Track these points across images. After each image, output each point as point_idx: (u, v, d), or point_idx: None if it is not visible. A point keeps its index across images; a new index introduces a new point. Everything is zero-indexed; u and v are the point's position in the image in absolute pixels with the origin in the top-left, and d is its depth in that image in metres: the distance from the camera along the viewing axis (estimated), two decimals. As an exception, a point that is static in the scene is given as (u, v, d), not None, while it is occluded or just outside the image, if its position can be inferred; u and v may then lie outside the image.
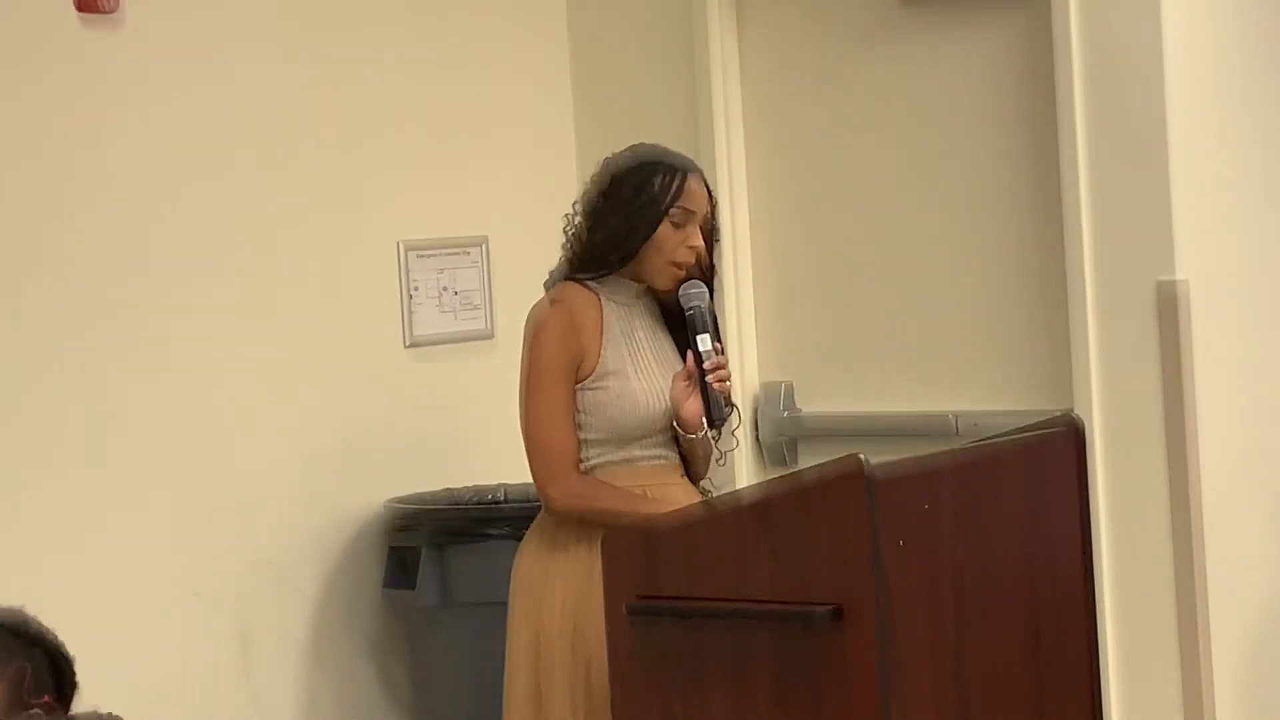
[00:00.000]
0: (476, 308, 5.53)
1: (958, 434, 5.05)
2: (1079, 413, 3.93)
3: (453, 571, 5.03)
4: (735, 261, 5.49)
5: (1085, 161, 4.80)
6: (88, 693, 2.94)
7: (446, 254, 5.48)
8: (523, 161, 5.63)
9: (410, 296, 5.39)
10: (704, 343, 4.12)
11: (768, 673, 3.39)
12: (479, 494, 5.32)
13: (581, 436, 4.13)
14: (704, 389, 4.10)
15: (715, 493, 4.20)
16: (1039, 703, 3.61)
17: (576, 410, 4.12)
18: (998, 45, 5.05)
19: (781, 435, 5.49)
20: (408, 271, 5.39)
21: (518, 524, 4.74)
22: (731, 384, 4.18)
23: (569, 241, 4.23)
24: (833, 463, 3.32)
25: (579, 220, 4.22)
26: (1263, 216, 4.96)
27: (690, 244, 4.16)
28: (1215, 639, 4.72)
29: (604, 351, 4.13)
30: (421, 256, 5.42)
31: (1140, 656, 4.78)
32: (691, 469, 4.24)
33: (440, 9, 5.50)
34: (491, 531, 4.97)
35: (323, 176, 5.22)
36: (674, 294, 4.18)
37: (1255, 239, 4.94)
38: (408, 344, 5.39)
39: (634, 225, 4.12)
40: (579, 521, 4.08)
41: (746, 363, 5.51)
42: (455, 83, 5.53)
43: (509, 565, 4.22)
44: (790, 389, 5.49)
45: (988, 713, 3.50)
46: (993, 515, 3.56)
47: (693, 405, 4.11)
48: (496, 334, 5.48)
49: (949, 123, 5.16)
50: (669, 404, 4.13)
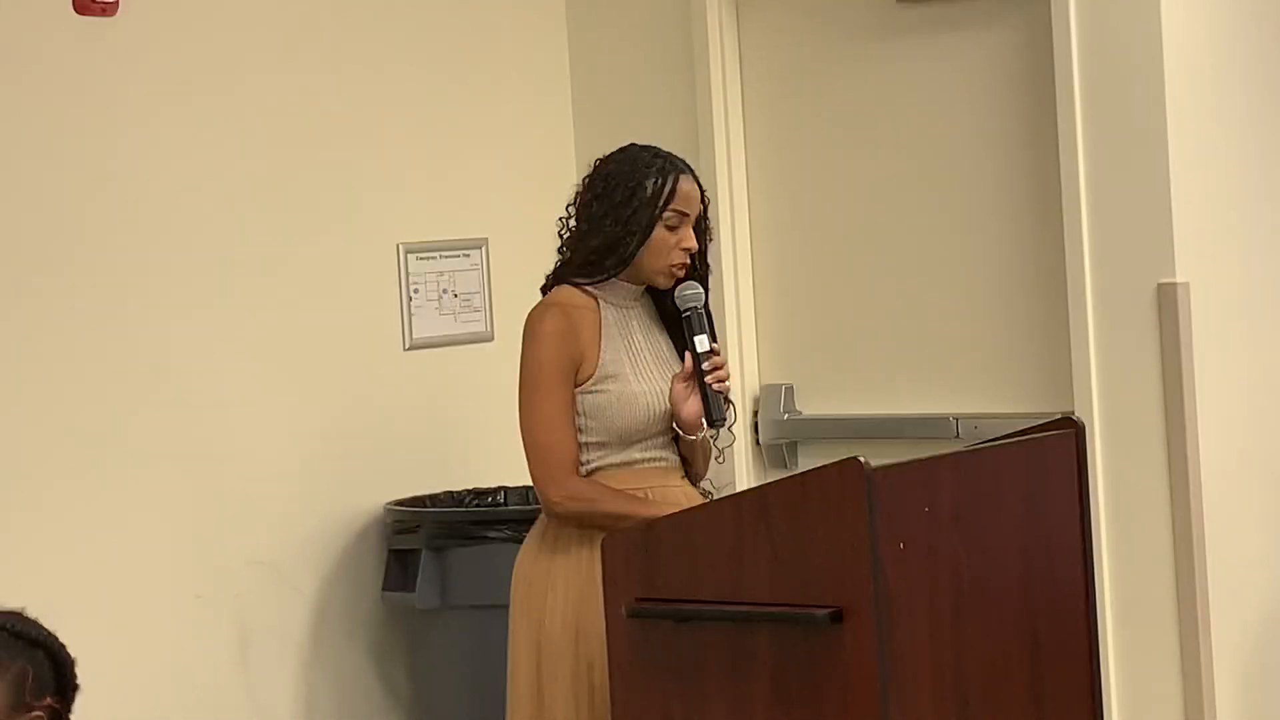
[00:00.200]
0: (476, 310, 5.52)
1: (958, 436, 5.05)
2: (1079, 415, 3.94)
3: (452, 573, 5.03)
4: (735, 263, 5.49)
5: (1085, 163, 4.80)
6: (89, 694, 2.93)
7: (446, 256, 5.47)
8: (523, 163, 5.63)
9: (410, 298, 5.39)
10: (702, 343, 4.11)
11: (767, 674, 3.39)
12: (479, 496, 5.33)
13: (582, 439, 4.12)
14: (703, 389, 4.10)
15: (715, 494, 4.19)
16: (1039, 703, 3.61)
17: (576, 413, 4.11)
18: (997, 45, 5.05)
19: (782, 437, 5.49)
20: (407, 273, 5.39)
21: (517, 526, 4.75)
22: (730, 384, 4.18)
23: (564, 245, 4.23)
24: (833, 465, 3.32)
25: (573, 224, 4.21)
26: (1263, 218, 4.97)
27: (684, 245, 4.15)
28: (1215, 639, 4.72)
29: (603, 355, 4.13)
30: (421, 258, 5.42)
31: (1140, 656, 4.78)
32: (691, 469, 4.24)
33: (440, 11, 5.50)
34: (491, 533, 4.97)
35: (323, 179, 5.22)
36: (670, 293, 4.18)
37: (1255, 241, 4.95)
38: (407, 346, 5.39)
39: (629, 230, 4.10)
40: (579, 523, 4.09)
41: (747, 365, 5.51)
42: (455, 84, 5.53)
43: (509, 567, 4.21)
44: (790, 391, 5.49)
45: (987, 714, 3.50)
46: (993, 517, 3.56)
47: (692, 406, 4.10)
48: (496, 336, 5.48)
49: (949, 124, 5.16)
50: (669, 405, 4.13)
